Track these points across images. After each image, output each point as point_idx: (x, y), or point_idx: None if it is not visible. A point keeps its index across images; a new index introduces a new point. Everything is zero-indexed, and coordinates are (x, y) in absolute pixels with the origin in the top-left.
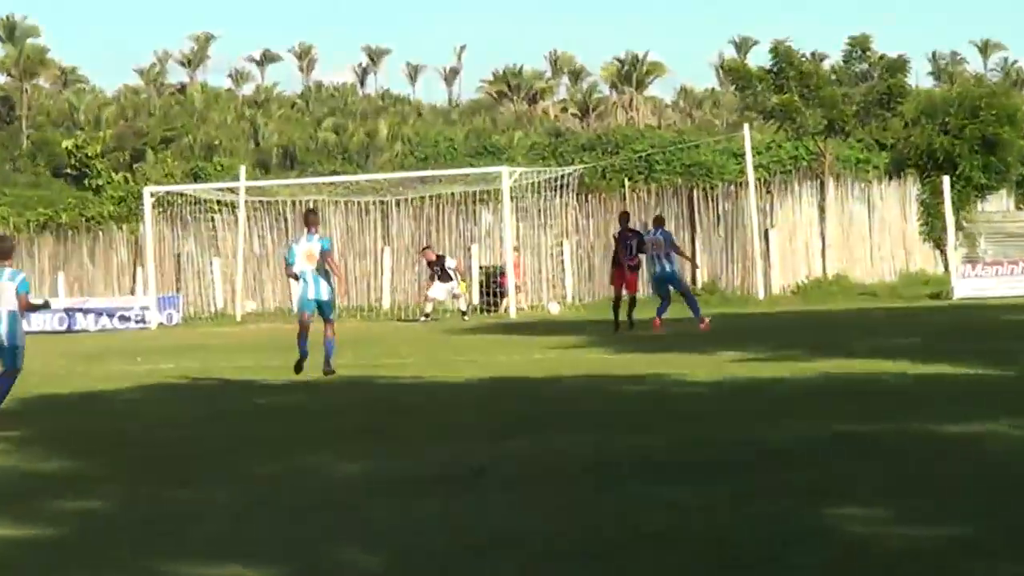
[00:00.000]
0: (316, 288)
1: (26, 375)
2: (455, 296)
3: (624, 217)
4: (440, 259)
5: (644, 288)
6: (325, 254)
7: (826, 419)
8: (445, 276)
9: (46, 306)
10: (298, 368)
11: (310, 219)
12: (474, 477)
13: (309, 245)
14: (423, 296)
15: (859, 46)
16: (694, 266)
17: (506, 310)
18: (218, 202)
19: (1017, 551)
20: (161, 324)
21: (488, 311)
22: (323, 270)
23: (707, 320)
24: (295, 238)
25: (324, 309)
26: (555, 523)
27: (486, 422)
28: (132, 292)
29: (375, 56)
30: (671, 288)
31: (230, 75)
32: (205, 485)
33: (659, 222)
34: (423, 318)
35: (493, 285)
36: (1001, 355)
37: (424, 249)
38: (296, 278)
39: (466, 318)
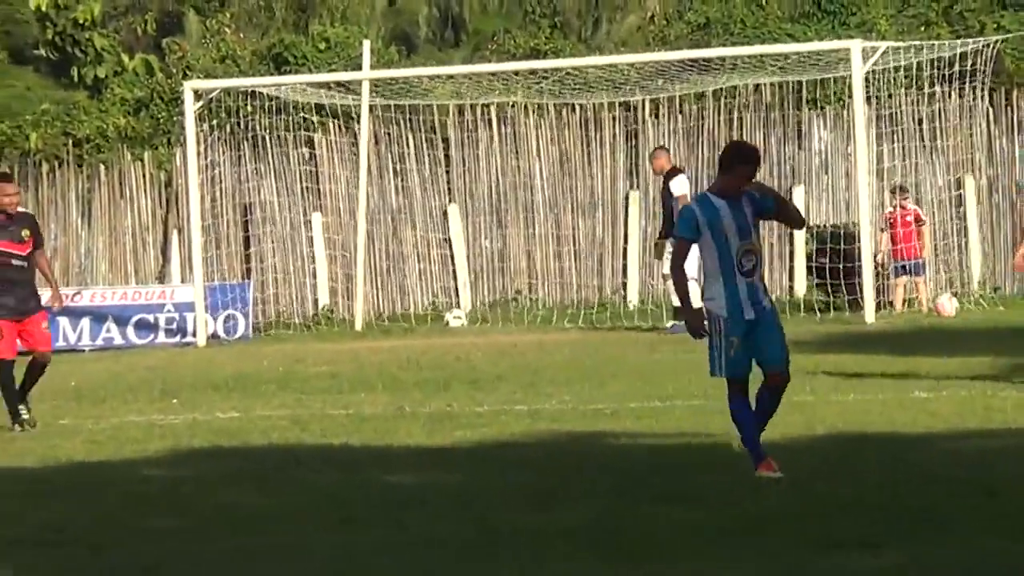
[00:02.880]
0: None
1: None
2: None
3: None
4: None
5: None
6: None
7: None
8: None
9: None
10: None
11: None
12: None
13: None
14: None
15: None
16: None
17: (904, 304)
18: (319, 109)
19: None
20: (215, 337)
21: (825, 310)
22: None
23: None
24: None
25: None
26: None
27: (815, 521)
28: (161, 277)
29: None
30: None
31: None
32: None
33: None
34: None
35: (835, 261)
36: None
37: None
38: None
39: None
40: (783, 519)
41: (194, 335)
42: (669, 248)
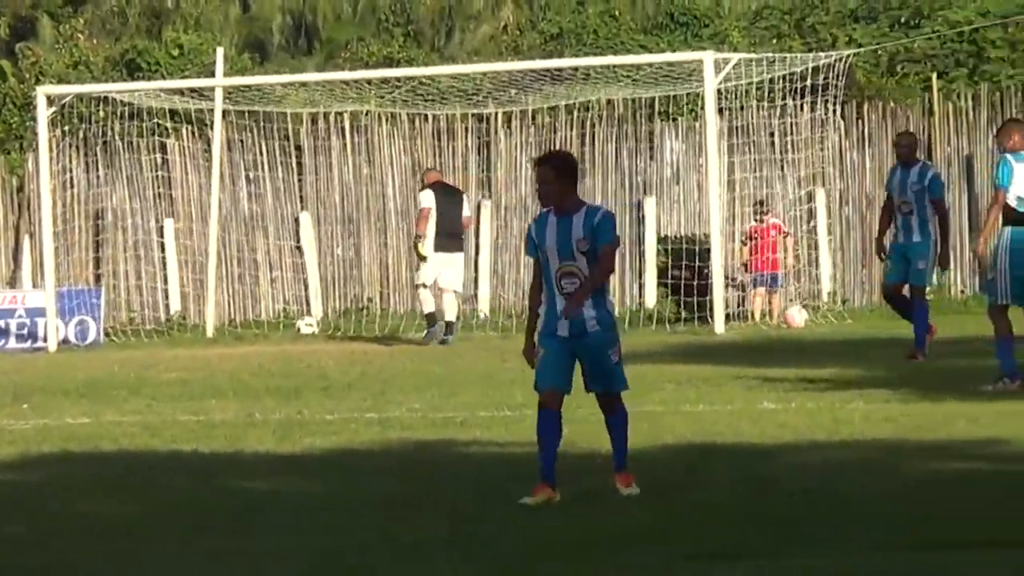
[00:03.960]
0: None
1: None
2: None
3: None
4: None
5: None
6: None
7: None
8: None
9: None
10: None
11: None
12: None
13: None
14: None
15: None
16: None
17: (764, 317)
18: (173, 114)
19: None
20: (66, 342)
21: (674, 322)
22: None
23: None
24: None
25: None
26: None
27: (670, 532)
28: (12, 283)
29: None
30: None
31: None
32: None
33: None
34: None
35: (683, 273)
36: None
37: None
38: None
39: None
40: (641, 530)
41: (45, 340)
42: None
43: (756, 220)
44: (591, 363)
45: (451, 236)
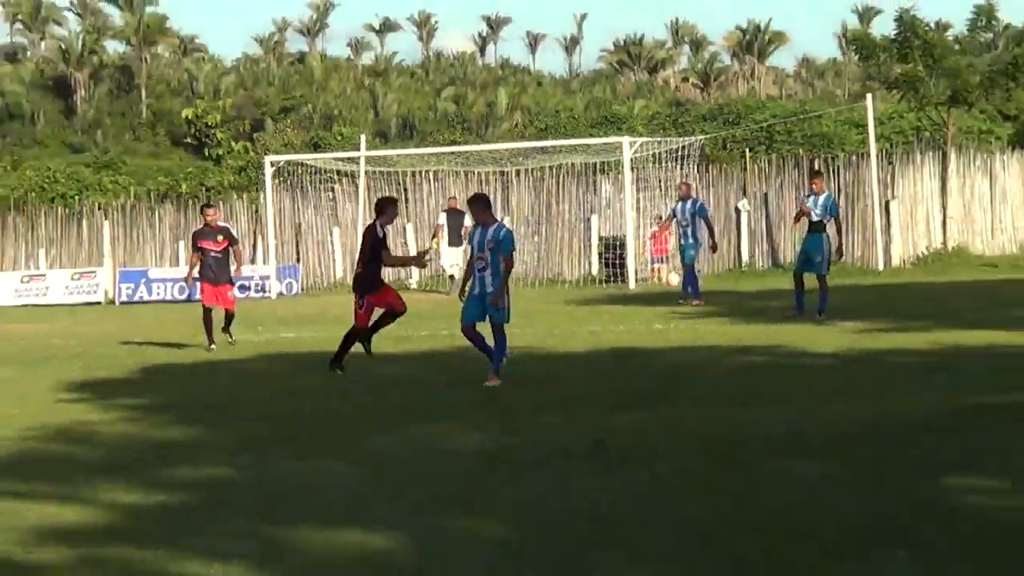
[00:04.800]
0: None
1: (155, 335)
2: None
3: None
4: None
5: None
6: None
7: (953, 391)
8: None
9: None
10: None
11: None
12: (593, 449)
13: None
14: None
15: (984, 15)
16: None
17: (659, 279)
18: (338, 172)
19: None
20: (281, 294)
21: (607, 282)
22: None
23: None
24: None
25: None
26: (673, 497)
27: (604, 394)
28: (253, 261)
29: (495, 25)
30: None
31: (349, 44)
32: (325, 455)
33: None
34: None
35: (612, 256)
36: None
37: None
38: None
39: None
40: (579, 395)
41: (269, 292)
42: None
43: (655, 226)
44: (485, 308)
45: (454, 237)
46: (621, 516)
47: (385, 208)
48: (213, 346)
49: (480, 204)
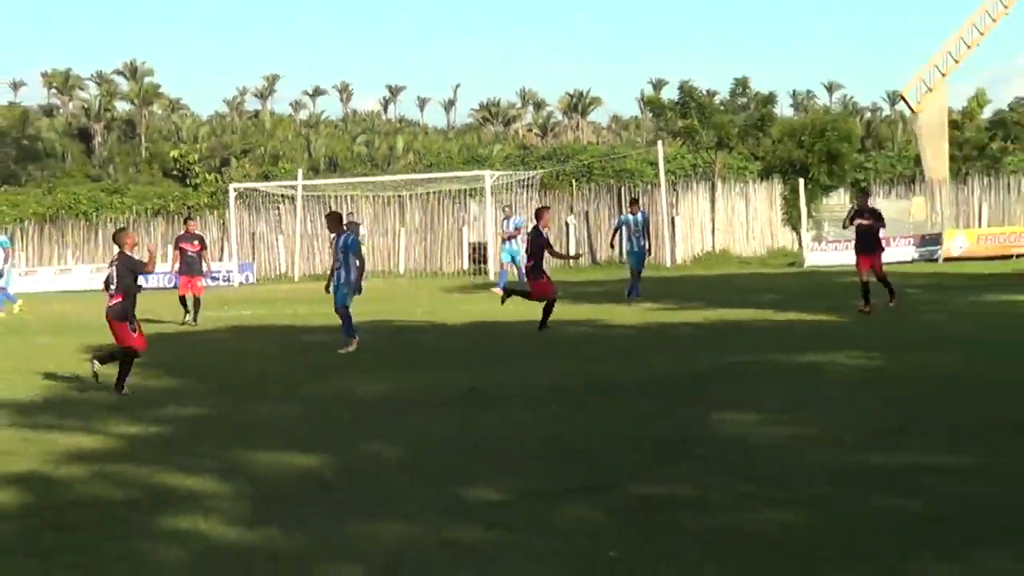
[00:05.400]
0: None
1: (151, 314)
2: None
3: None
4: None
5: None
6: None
7: (720, 352)
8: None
9: None
10: None
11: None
12: (468, 394)
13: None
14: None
15: (741, 85)
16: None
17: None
18: (282, 196)
19: (849, 444)
20: (241, 283)
21: (474, 275)
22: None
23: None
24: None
25: None
26: (528, 428)
27: (475, 354)
28: (221, 259)
29: (394, 91)
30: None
31: (290, 104)
32: (273, 400)
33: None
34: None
35: (477, 256)
36: (838, 307)
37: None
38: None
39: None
40: (452, 352)
41: (233, 281)
42: None
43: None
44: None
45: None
46: (492, 441)
47: (542, 215)
48: (187, 318)
49: (333, 219)
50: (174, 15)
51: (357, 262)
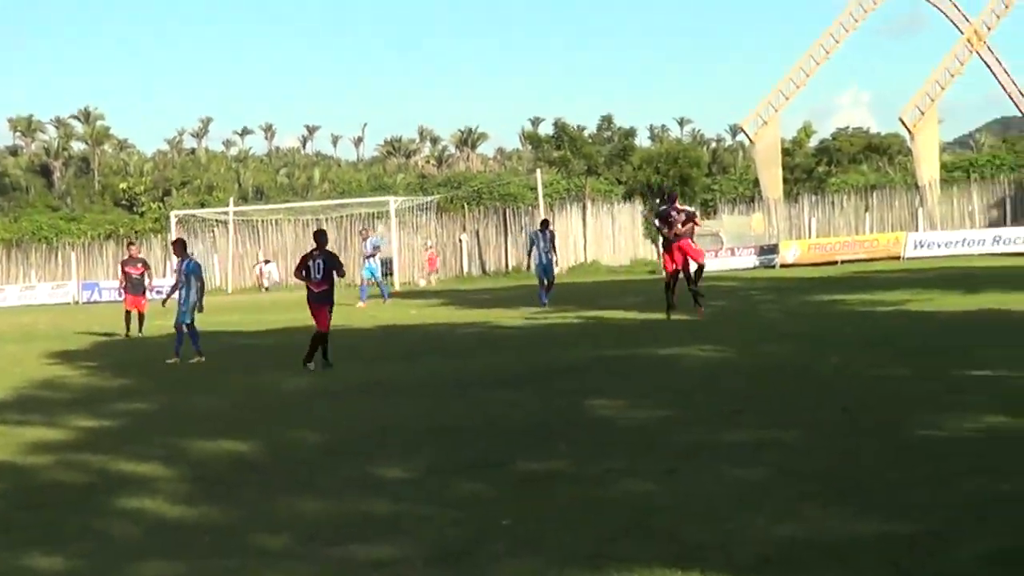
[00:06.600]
0: None
1: (103, 325)
2: None
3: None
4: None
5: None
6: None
7: (592, 347)
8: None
9: None
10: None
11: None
12: (374, 386)
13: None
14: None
15: (606, 121)
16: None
17: (428, 282)
18: (216, 221)
19: (701, 424)
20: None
21: (394, 283)
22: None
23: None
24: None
25: None
26: (430, 415)
27: (382, 353)
28: (164, 276)
29: (311, 130)
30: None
31: (223, 142)
32: (208, 394)
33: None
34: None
35: (386, 269)
36: (691, 308)
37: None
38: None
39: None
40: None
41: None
42: None
43: (426, 248)
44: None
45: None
46: (399, 426)
47: (674, 197)
48: (128, 334)
49: (178, 246)
50: (122, 67)
51: (198, 284)
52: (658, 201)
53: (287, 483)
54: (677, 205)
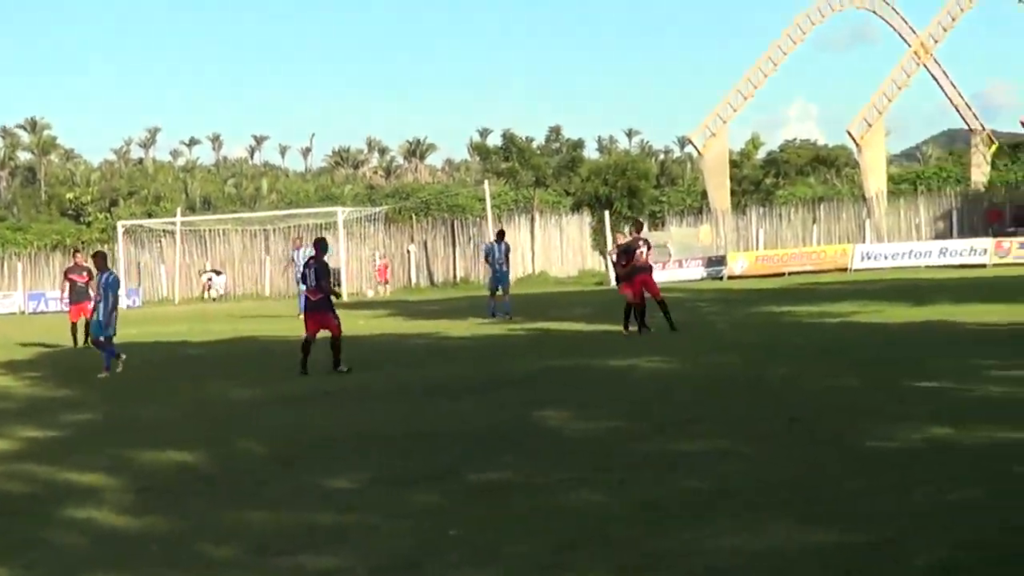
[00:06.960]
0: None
1: (49, 336)
2: None
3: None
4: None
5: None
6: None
7: (542, 358)
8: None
9: None
10: None
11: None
12: (326, 395)
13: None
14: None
15: (554, 132)
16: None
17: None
18: (163, 231)
19: (654, 435)
20: (128, 306)
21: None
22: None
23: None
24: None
25: None
26: (380, 425)
27: (331, 363)
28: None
29: (259, 140)
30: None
31: (170, 152)
32: (155, 404)
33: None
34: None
35: (334, 279)
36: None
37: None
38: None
39: None
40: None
41: (121, 305)
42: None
43: (380, 259)
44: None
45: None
46: (348, 436)
47: (640, 227)
48: (77, 345)
49: (99, 259)
50: (68, 77)
51: (113, 299)
52: (627, 230)
53: (234, 493)
54: (641, 235)
